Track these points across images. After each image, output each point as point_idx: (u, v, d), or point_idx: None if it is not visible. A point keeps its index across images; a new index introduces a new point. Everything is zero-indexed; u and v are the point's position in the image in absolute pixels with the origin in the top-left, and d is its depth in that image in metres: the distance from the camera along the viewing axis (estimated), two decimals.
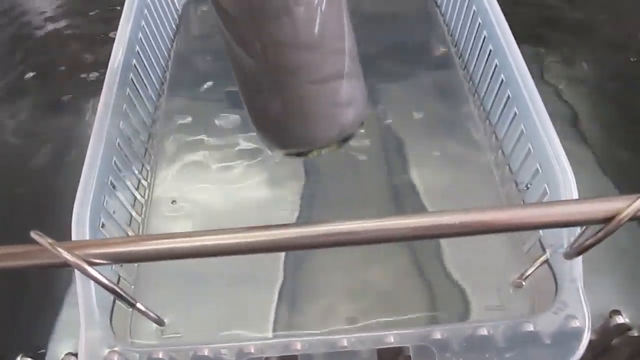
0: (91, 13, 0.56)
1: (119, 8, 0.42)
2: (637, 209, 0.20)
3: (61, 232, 0.27)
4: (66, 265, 0.21)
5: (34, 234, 0.21)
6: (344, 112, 0.33)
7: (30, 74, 0.50)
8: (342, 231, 0.21)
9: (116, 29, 0.40)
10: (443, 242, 0.35)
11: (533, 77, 0.34)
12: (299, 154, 0.34)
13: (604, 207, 0.21)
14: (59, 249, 0.21)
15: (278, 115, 0.32)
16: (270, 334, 0.32)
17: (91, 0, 0.57)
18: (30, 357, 0.32)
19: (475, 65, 0.42)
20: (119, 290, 0.23)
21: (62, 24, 0.55)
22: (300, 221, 0.36)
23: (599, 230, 0.21)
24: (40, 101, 0.48)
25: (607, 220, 0.21)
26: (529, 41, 0.47)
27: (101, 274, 0.22)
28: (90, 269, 0.21)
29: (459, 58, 0.45)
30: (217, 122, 0.43)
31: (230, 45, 0.30)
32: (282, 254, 0.35)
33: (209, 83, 0.46)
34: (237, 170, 0.40)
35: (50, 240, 0.21)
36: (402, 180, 0.38)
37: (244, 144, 0.41)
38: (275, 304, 0.33)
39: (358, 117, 0.34)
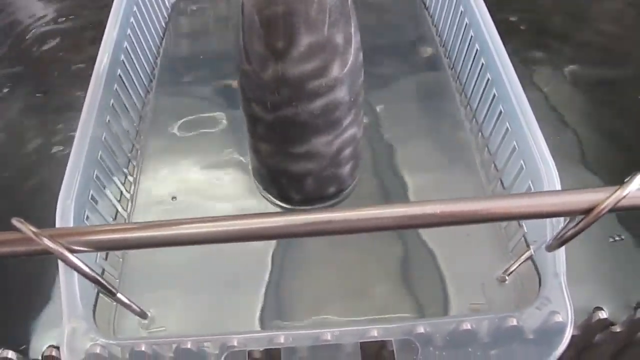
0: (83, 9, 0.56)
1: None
2: (617, 200, 0.21)
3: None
4: (47, 252, 0.21)
5: (15, 221, 0.21)
6: (340, 182, 0.36)
7: (20, 68, 0.50)
8: (325, 220, 0.21)
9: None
10: (429, 238, 0.35)
11: (521, 77, 0.34)
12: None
13: (585, 199, 0.21)
14: (41, 236, 0.21)
15: (288, 184, 0.35)
16: (255, 329, 0.32)
17: None
18: (13, 350, 0.32)
19: (462, 65, 0.42)
20: (100, 279, 0.23)
21: (53, 18, 0.55)
22: (284, 211, 0.36)
23: (579, 222, 0.21)
24: (30, 95, 0.48)
25: (588, 211, 0.21)
26: (514, 42, 0.47)
27: (83, 263, 0.22)
28: (71, 257, 0.21)
29: (447, 58, 0.46)
30: (204, 119, 0.43)
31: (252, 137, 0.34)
32: (270, 249, 0.35)
33: (198, 81, 0.46)
34: (224, 167, 0.40)
35: (32, 227, 0.21)
36: (388, 179, 0.38)
37: (232, 142, 0.41)
38: (262, 300, 0.33)
39: (350, 182, 0.37)
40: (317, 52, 0.27)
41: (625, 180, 0.21)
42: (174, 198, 0.38)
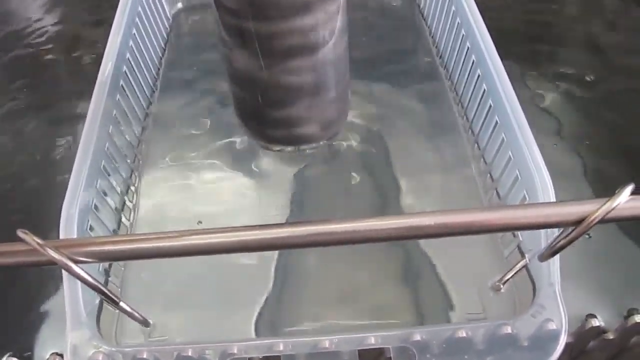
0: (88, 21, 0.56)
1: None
2: (607, 212, 0.21)
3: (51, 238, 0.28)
4: (52, 263, 0.22)
5: (20, 232, 0.21)
6: (330, 112, 0.34)
7: (25, 80, 0.51)
8: (324, 231, 0.22)
9: None
10: (426, 247, 0.35)
11: (517, 87, 0.35)
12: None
13: (576, 210, 0.22)
14: (45, 247, 0.21)
15: (269, 115, 0.34)
16: (255, 336, 0.32)
17: (87, 10, 0.58)
18: (16, 357, 0.32)
19: (459, 75, 0.43)
20: (103, 289, 0.23)
21: (58, 33, 0.56)
22: (284, 222, 0.36)
23: (571, 232, 0.22)
24: (33, 106, 0.48)
25: (578, 222, 0.21)
26: (512, 52, 0.48)
27: (87, 273, 0.22)
28: (75, 267, 0.22)
29: (444, 68, 0.46)
30: (206, 129, 0.43)
31: (228, 50, 0.31)
32: (269, 257, 0.35)
33: (199, 91, 0.47)
34: (227, 177, 0.40)
35: (36, 239, 0.21)
36: (386, 188, 0.39)
37: (234, 152, 0.42)
38: (261, 307, 0.33)
39: (343, 115, 0.35)
40: None
41: (616, 192, 0.21)
42: (199, 222, 0.38)
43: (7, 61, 0.53)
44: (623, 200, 0.21)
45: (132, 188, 0.39)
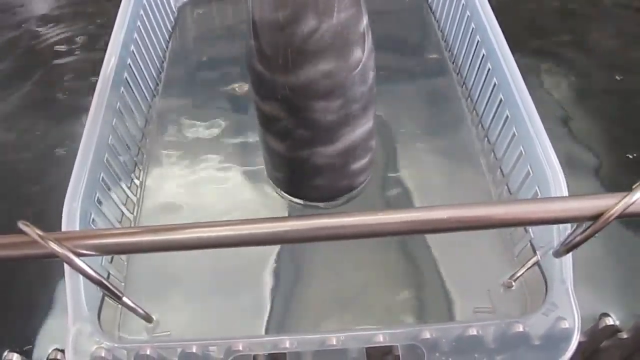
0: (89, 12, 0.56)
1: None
2: (625, 207, 0.20)
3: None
4: (53, 256, 0.21)
5: (21, 224, 0.21)
6: (354, 179, 0.35)
7: (25, 70, 0.50)
8: (334, 225, 0.21)
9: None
10: (435, 244, 0.35)
11: (528, 81, 0.34)
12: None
13: (593, 205, 0.21)
14: (47, 240, 0.21)
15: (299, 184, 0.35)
16: (260, 333, 0.32)
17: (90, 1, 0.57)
18: (17, 353, 0.32)
19: (468, 69, 0.42)
20: (105, 283, 0.22)
21: (58, 23, 0.55)
22: (292, 215, 0.36)
23: (587, 228, 0.21)
24: (35, 98, 0.48)
25: (595, 217, 0.21)
26: (523, 47, 0.47)
27: (89, 266, 0.22)
28: (77, 260, 0.21)
29: (453, 63, 0.46)
30: (210, 123, 0.43)
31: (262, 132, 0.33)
32: (275, 254, 0.35)
33: (204, 84, 0.47)
34: (230, 171, 0.40)
35: (37, 231, 0.21)
36: (394, 183, 0.38)
37: (237, 146, 0.41)
38: (267, 304, 0.33)
39: (363, 178, 0.36)
40: (327, 54, 0.27)
41: (634, 187, 0.21)
42: (175, 201, 0.38)
43: (13, 57, 0.52)
44: None
45: (137, 182, 0.38)
